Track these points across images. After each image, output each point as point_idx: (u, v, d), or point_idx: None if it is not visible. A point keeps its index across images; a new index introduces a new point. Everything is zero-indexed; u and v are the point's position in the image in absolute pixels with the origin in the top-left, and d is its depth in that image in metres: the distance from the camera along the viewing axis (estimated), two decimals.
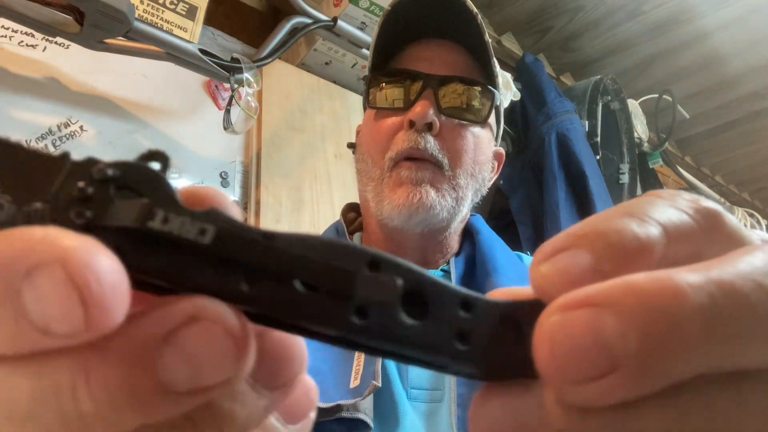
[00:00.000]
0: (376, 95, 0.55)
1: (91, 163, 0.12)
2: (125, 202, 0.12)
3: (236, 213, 0.13)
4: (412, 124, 0.51)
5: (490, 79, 0.54)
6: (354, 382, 0.43)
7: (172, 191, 0.12)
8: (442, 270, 0.57)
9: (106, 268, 0.10)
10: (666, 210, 0.13)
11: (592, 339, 0.11)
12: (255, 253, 0.12)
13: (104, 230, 0.11)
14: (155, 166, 0.12)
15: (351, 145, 0.64)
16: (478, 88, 0.53)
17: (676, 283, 0.11)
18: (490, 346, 0.13)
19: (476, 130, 0.54)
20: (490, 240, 0.58)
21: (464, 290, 0.13)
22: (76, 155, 0.13)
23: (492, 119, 0.57)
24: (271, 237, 0.12)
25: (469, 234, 0.60)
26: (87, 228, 0.11)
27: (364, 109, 0.59)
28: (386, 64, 0.57)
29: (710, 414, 0.11)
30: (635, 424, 0.11)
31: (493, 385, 0.13)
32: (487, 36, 0.53)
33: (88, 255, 0.10)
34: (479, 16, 0.53)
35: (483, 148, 0.55)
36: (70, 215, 0.11)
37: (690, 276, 0.11)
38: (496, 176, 0.62)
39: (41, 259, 0.10)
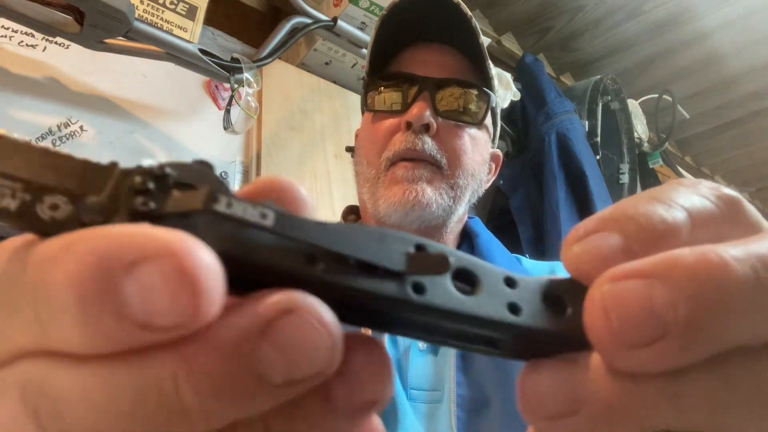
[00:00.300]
0: (374, 98, 0.55)
1: (140, 167, 0.12)
2: (186, 192, 0.12)
3: (305, 198, 0.13)
4: (409, 125, 0.51)
5: (486, 82, 0.55)
6: None
7: (226, 186, 0.12)
8: None
9: (207, 258, 0.10)
10: (690, 196, 0.13)
11: (644, 306, 0.11)
12: (313, 234, 0.12)
13: (169, 218, 0.11)
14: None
15: (349, 149, 0.64)
16: (474, 91, 0.54)
17: (721, 256, 0.12)
18: (538, 318, 0.13)
19: (473, 131, 0.54)
20: (489, 242, 0.58)
21: (505, 269, 0.14)
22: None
23: (488, 121, 0.57)
24: (324, 224, 0.12)
25: (467, 237, 0.60)
26: (152, 217, 0.11)
27: (362, 112, 0.60)
28: (383, 67, 0.57)
29: (754, 383, 0.12)
30: (682, 391, 0.12)
31: (541, 359, 0.13)
32: (482, 38, 0.53)
33: (191, 246, 0.10)
34: (473, 19, 0.53)
35: (480, 149, 0.56)
36: (134, 204, 0.11)
37: (732, 250, 0.12)
38: (493, 178, 0.62)
39: (143, 254, 0.10)
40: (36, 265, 0.10)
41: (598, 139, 1.45)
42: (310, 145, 1.04)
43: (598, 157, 1.38)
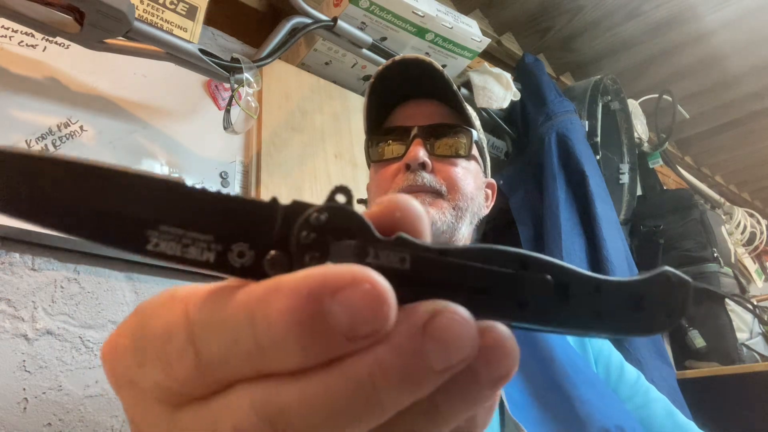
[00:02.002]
0: (375, 151, 0.65)
1: (297, 207, 0.15)
2: (341, 244, 0.15)
3: (422, 218, 0.16)
4: (408, 166, 0.60)
5: (466, 121, 0.64)
6: None
7: (368, 225, 0.15)
8: None
9: (384, 281, 0.13)
10: None
11: None
12: (440, 270, 0.15)
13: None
14: (341, 198, 0.15)
15: (361, 201, 0.73)
16: (457, 130, 0.63)
17: None
18: (618, 319, 0.16)
19: (463, 162, 0.63)
20: None
21: (595, 275, 0.16)
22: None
23: (476, 153, 0.66)
24: (444, 252, 0.15)
25: None
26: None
27: (368, 166, 0.68)
28: (378, 125, 0.67)
29: None
30: None
31: None
32: (455, 86, 0.63)
33: (374, 274, 0.13)
34: (445, 72, 0.63)
35: (473, 177, 0.64)
36: (305, 260, 0.14)
37: None
38: (492, 204, 0.71)
39: (342, 283, 0.13)
40: (245, 306, 0.13)
41: (598, 139, 1.45)
42: (310, 145, 1.04)
43: (598, 157, 1.38)
